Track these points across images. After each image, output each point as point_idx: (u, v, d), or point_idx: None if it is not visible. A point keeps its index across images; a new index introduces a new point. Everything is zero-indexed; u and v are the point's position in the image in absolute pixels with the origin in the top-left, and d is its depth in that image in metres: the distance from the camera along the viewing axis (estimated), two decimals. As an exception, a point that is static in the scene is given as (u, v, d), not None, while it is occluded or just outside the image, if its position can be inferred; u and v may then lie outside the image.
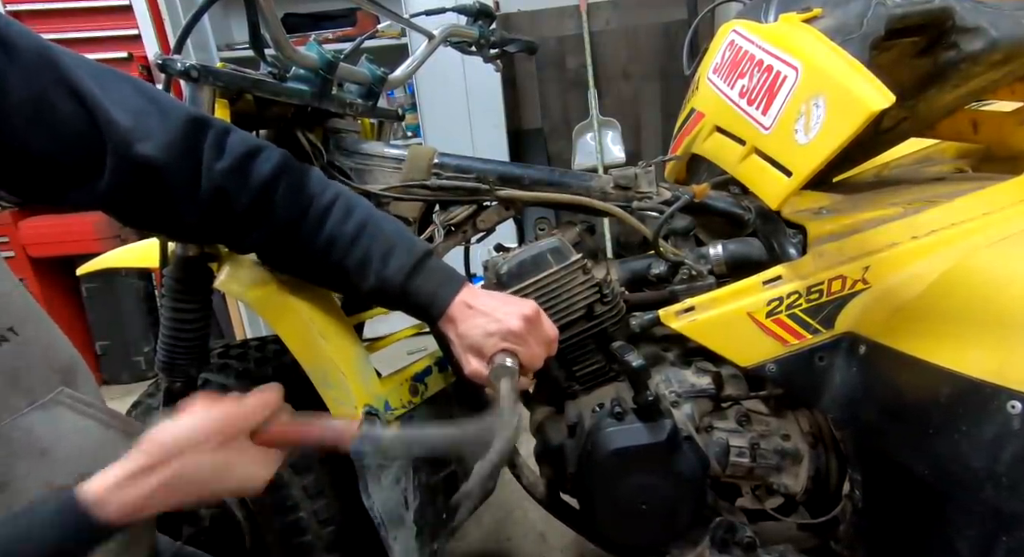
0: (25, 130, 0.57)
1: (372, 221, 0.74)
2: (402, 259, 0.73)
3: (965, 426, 0.70)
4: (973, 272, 0.76)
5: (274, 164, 0.70)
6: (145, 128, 0.62)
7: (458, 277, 0.75)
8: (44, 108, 0.57)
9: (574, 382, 1.02)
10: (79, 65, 0.61)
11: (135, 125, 0.62)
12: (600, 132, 3.05)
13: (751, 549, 0.96)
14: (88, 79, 0.60)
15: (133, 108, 0.62)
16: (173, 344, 0.95)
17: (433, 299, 0.73)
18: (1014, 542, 0.66)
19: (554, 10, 3.18)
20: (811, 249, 0.90)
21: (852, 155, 1.10)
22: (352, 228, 0.73)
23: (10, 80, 0.55)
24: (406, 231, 0.79)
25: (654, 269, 1.03)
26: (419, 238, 0.88)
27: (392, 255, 0.73)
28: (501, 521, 1.68)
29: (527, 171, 1.03)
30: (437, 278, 0.74)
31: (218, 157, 0.66)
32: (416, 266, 0.73)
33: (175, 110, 0.65)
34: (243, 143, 0.69)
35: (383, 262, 0.72)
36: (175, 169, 0.64)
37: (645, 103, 3.36)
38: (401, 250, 0.73)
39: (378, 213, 0.76)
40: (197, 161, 0.66)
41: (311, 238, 0.72)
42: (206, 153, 0.66)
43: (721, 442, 0.96)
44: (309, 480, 1.02)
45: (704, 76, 1.06)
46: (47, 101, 0.58)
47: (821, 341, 0.89)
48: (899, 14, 0.84)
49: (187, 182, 0.66)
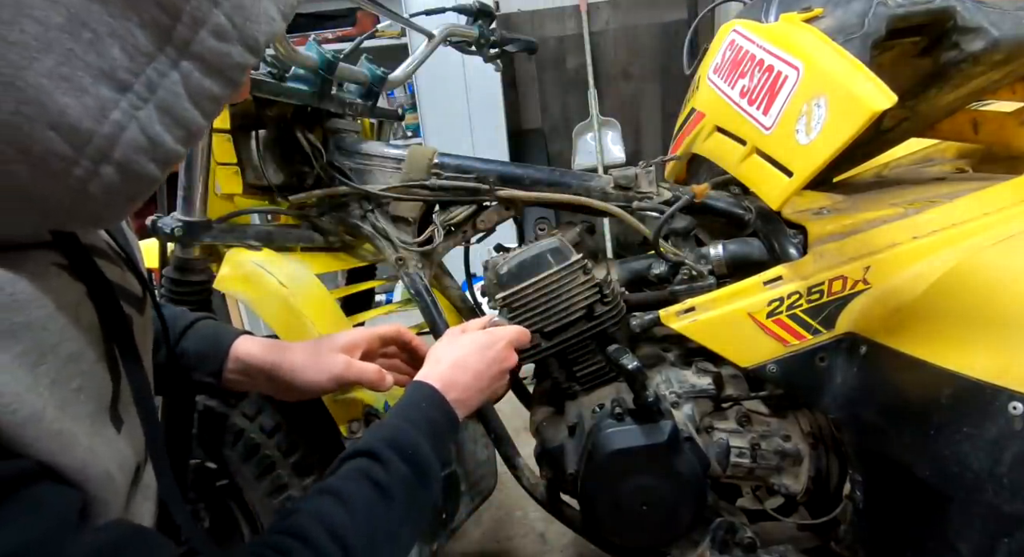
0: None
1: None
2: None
3: (966, 427, 0.70)
4: (974, 272, 0.76)
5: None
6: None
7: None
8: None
9: (574, 382, 1.02)
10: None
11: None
12: (600, 132, 3.05)
13: (751, 549, 0.96)
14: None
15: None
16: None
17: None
18: (1015, 544, 0.65)
19: (554, 10, 3.18)
20: (812, 249, 0.90)
21: (853, 155, 1.10)
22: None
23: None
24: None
25: (654, 269, 1.03)
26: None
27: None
28: (501, 521, 1.68)
29: (527, 171, 1.03)
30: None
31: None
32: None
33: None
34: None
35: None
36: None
37: (645, 103, 3.36)
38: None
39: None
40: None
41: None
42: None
43: (721, 442, 0.96)
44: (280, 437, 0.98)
45: (704, 76, 1.06)
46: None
47: (822, 341, 0.89)
48: (900, 14, 0.84)
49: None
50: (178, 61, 0.32)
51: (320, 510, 0.49)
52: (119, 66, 0.30)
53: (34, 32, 0.27)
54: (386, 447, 0.56)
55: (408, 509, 0.55)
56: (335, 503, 0.50)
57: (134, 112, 0.31)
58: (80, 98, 0.29)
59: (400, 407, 0.64)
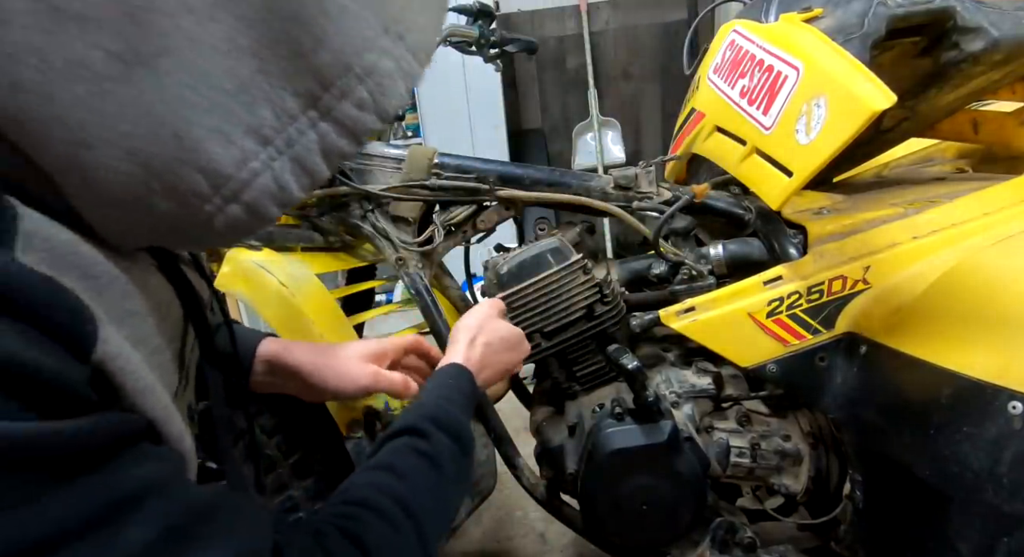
0: None
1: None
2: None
3: (966, 427, 0.70)
4: (974, 272, 0.76)
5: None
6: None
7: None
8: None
9: (574, 382, 1.02)
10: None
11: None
12: (600, 132, 3.05)
13: (751, 549, 0.96)
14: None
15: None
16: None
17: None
18: (1015, 543, 0.66)
19: (554, 10, 3.18)
20: (812, 249, 0.90)
21: (853, 155, 1.10)
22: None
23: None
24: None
25: (654, 269, 1.03)
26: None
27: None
28: (501, 521, 1.68)
29: (527, 171, 1.03)
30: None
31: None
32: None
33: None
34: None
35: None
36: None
37: (645, 103, 3.36)
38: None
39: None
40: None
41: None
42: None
43: (721, 442, 0.96)
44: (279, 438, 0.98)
45: (704, 76, 1.06)
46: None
47: (822, 341, 0.89)
48: (900, 14, 0.84)
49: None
50: (317, 122, 0.36)
51: (377, 482, 0.52)
52: (266, 124, 0.35)
53: (208, 95, 0.32)
54: (427, 422, 0.59)
55: (455, 477, 0.58)
56: (390, 475, 0.53)
57: (271, 162, 0.36)
58: (228, 148, 0.34)
59: (434, 386, 0.67)
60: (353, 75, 0.36)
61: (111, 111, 0.30)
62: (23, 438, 0.28)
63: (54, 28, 0.28)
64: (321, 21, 0.33)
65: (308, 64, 0.34)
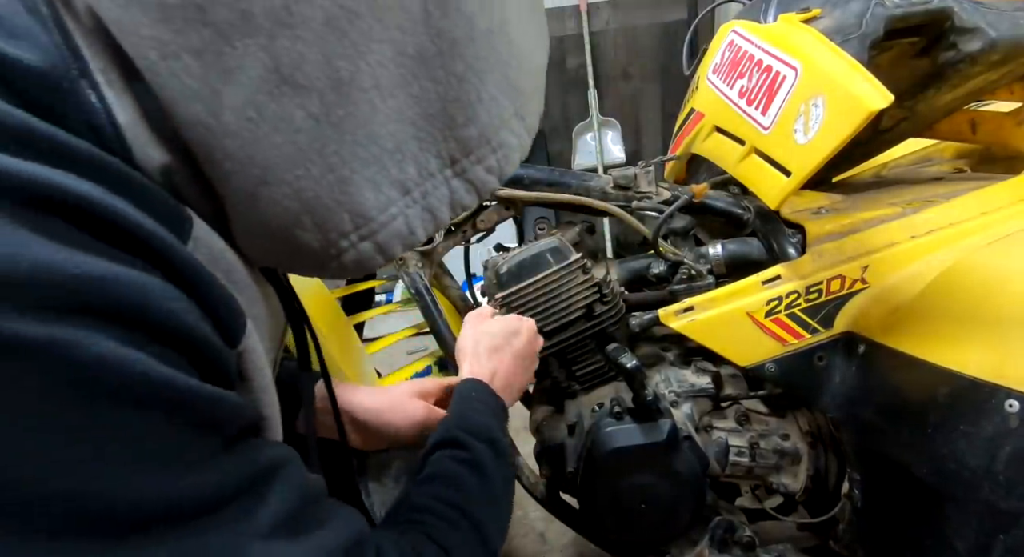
0: None
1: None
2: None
3: (963, 425, 0.70)
4: (971, 271, 0.77)
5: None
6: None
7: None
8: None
9: (574, 381, 1.02)
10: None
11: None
12: (600, 132, 3.05)
13: (750, 548, 0.97)
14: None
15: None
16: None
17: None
18: (1012, 541, 0.66)
19: (554, 10, 3.18)
20: (810, 249, 0.90)
21: (851, 155, 1.10)
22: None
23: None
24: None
25: (654, 269, 1.03)
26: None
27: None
28: (501, 521, 1.68)
29: (527, 171, 1.03)
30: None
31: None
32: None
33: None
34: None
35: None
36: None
37: (645, 103, 3.36)
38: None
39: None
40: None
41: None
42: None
43: (720, 441, 0.97)
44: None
45: (704, 76, 1.06)
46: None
47: (820, 340, 0.89)
48: (898, 14, 0.84)
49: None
50: (451, 180, 0.42)
51: (432, 492, 0.54)
52: (409, 179, 0.40)
53: (373, 152, 0.37)
54: (461, 432, 0.61)
55: (498, 480, 0.60)
56: (443, 485, 0.55)
57: (406, 209, 0.41)
58: (376, 195, 0.39)
59: (455, 403, 0.68)
60: (489, 147, 0.43)
61: (296, 158, 0.36)
62: (207, 396, 0.32)
63: (275, 91, 0.34)
64: (476, 105, 0.40)
65: (456, 135, 0.40)
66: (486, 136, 0.42)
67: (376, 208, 0.39)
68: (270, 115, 0.34)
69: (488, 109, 0.41)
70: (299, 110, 0.35)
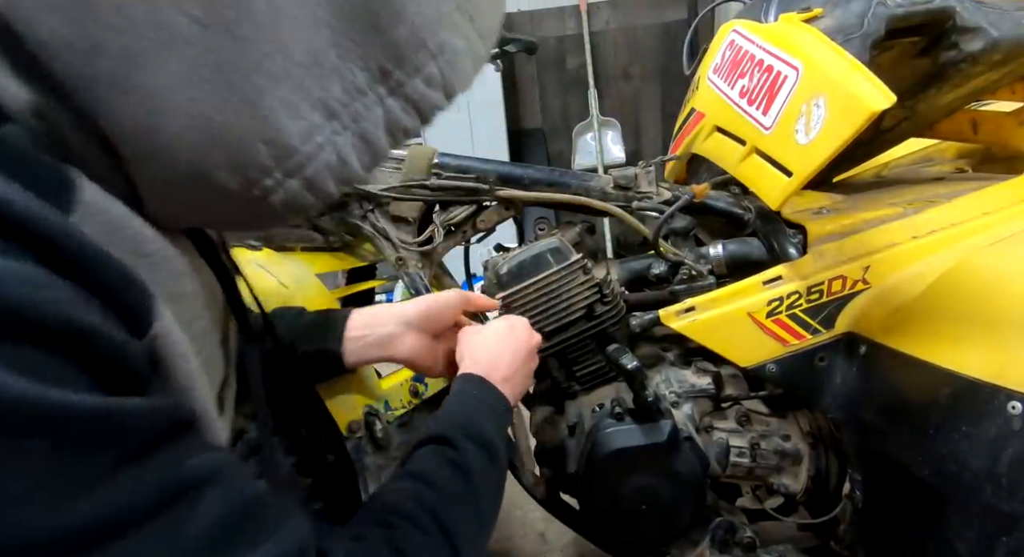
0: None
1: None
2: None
3: (965, 426, 0.70)
4: (973, 272, 0.76)
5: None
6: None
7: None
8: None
9: (574, 382, 1.02)
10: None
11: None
12: (600, 132, 3.05)
13: (751, 549, 0.96)
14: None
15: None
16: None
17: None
18: (1014, 543, 0.66)
19: (554, 10, 3.18)
20: (811, 249, 0.90)
21: (852, 155, 1.10)
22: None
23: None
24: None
25: (654, 269, 1.03)
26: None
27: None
28: (501, 521, 1.68)
29: (527, 171, 1.03)
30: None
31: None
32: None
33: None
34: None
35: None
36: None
37: (645, 103, 3.36)
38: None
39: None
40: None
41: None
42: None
43: (721, 442, 0.96)
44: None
45: (704, 76, 1.06)
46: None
47: (821, 341, 0.89)
48: (900, 14, 0.84)
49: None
50: (385, 99, 0.36)
51: (410, 490, 0.52)
52: (334, 98, 0.34)
53: (282, 65, 0.32)
54: (454, 430, 0.58)
55: (484, 486, 0.57)
56: (421, 485, 0.53)
57: (335, 137, 0.35)
58: (296, 121, 0.33)
59: (452, 398, 0.66)
60: (426, 51, 0.35)
61: (184, 75, 0.30)
62: (91, 413, 0.27)
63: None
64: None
65: (383, 39, 0.34)
66: (420, 36, 0.35)
67: (298, 136, 0.34)
68: (142, 22, 0.29)
69: (419, 1, 0.34)
70: (179, 15, 0.29)
